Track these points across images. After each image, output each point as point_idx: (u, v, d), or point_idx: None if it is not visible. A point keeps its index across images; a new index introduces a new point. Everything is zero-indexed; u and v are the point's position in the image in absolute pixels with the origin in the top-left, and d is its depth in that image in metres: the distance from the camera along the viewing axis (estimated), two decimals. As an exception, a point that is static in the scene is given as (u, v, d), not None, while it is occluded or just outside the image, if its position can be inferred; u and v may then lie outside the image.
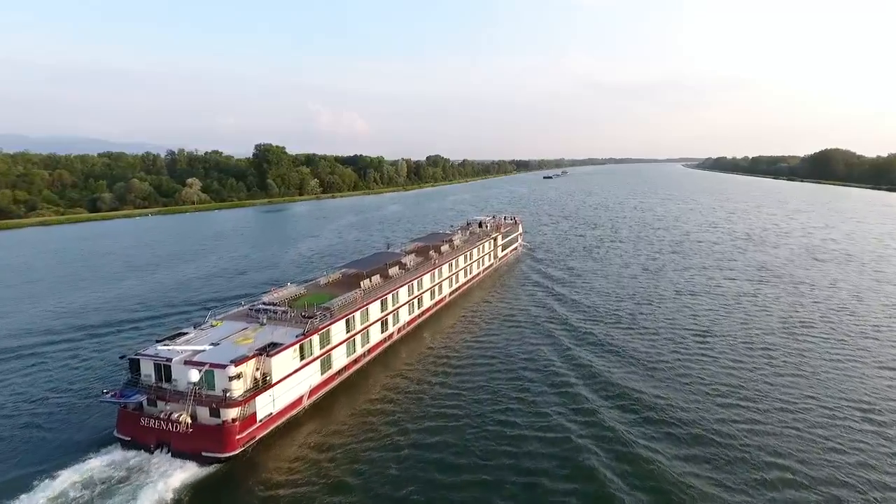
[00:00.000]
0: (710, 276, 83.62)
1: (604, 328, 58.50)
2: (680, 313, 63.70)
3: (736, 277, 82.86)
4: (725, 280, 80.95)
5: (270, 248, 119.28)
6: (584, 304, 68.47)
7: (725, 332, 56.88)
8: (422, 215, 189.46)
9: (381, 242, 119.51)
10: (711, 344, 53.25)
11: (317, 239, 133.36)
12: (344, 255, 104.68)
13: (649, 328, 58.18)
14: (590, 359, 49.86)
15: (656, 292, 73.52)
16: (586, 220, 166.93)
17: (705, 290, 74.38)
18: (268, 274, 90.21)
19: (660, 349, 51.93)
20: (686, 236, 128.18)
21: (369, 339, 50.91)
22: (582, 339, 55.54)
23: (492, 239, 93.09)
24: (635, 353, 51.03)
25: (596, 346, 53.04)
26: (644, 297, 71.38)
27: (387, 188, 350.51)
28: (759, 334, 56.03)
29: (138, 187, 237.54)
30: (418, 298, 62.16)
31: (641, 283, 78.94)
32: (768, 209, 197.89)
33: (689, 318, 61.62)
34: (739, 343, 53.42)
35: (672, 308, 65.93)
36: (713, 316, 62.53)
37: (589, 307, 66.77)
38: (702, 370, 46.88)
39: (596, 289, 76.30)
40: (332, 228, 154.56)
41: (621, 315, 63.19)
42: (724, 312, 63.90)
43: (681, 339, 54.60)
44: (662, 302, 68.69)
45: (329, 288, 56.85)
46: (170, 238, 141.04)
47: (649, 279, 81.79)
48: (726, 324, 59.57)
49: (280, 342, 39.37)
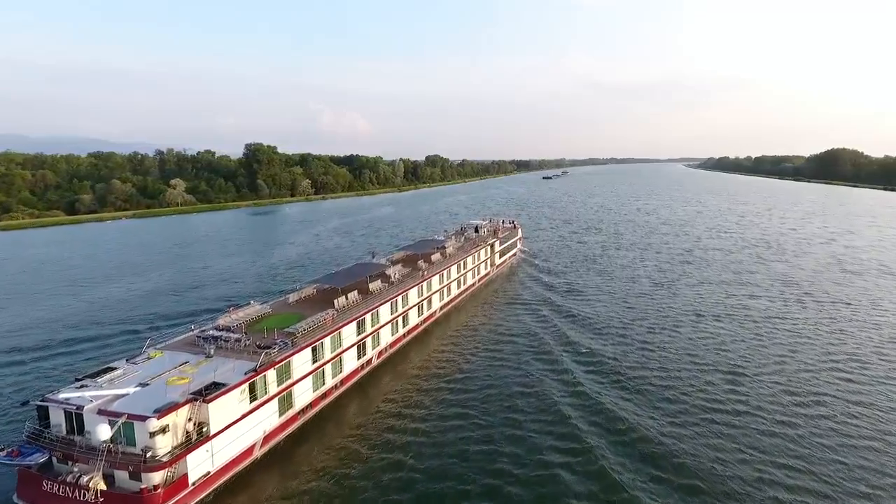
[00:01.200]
0: (729, 293, 73.00)
1: (615, 364, 47.85)
2: (702, 344, 52.98)
3: (760, 294, 72.19)
4: (749, 299, 70.22)
5: (240, 256, 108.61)
6: (589, 327, 57.94)
7: (760, 372, 46.14)
8: (413, 218, 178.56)
9: (365, 250, 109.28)
10: (745, 390, 42.53)
11: (293, 246, 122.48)
12: (320, 267, 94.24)
13: (667, 364, 47.55)
14: (599, 399, 40.01)
15: (672, 315, 62.73)
16: (588, 224, 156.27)
17: (728, 313, 63.59)
18: (230, 289, 79.79)
19: (682, 392, 41.42)
20: (696, 243, 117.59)
21: (342, 368, 44.18)
22: (590, 372, 45.32)
23: (488, 245, 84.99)
24: (653, 397, 40.59)
25: (608, 385, 42.78)
26: (657, 320, 60.68)
27: (382, 189, 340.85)
28: (803, 376, 45.23)
29: (119, 188, 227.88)
30: (403, 316, 55.17)
31: (653, 303, 68.24)
32: (780, 212, 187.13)
33: (714, 352, 50.88)
34: (780, 390, 42.60)
35: (692, 337, 55.19)
36: (741, 349, 51.72)
37: (595, 334, 56.12)
38: (741, 429, 36.28)
39: (601, 313, 65.41)
40: (313, 233, 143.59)
41: (633, 345, 52.53)
42: (754, 343, 53.13)
43: (707, 381, 43.93)
44: (679, 328, 57.96)
45: (299, 306, 50.14)
46: (133, 244, 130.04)
47: (662, 297, 71.13)
48: (759, 360, 48.84)
49: (224, 382, 32.79)
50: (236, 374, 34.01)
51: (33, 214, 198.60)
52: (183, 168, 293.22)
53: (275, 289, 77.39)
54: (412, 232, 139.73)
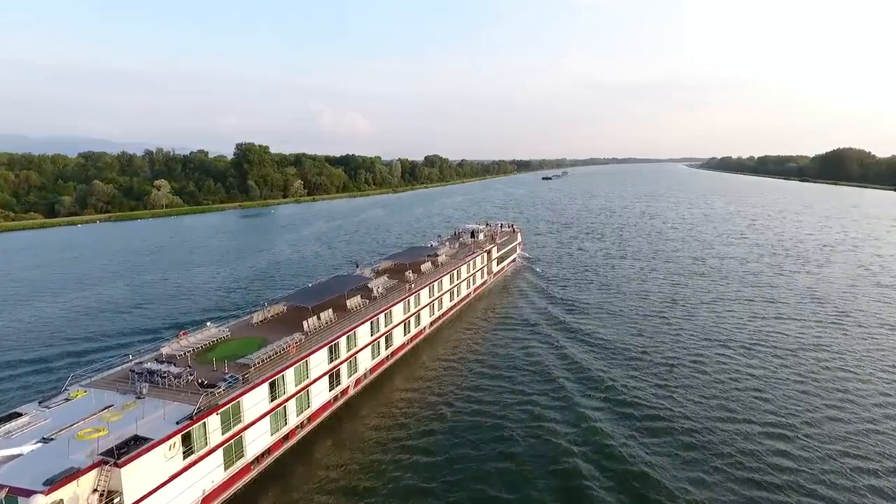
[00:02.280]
0: (753, 313, 63.44)
1: (630, 409, 38.52)
2: (733, 388, 43.19)
3: (789, 316, 62.58)
4: (777, 321, 60.51)
5: (206, 266, 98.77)
6: (597, 355, 48.59)
7: (812, 433, 36.36)
8: (404, 222, 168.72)
9: (346, 259, 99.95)
10: (796, 456, 33.03)
11: (267, 254, 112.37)
12: (292, 280, 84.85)
13: (692, 413, 38.03)
14: (617, 456, 30.92)
15: (690, 344, 52.98)
16: (590, 228, 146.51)
17: (755, 341, 53.79)
18: (187, 306, 70.41)
19: (714, 452, 32.04)
20: (707, 250, 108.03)
21: (310, 402, 37.79)
22: (603, 419, 35.90)
23: (485, 252, 78.88)
24: (677, 460, 31.14)
25: (626, 439, 33.37)
26: (675, 351, 51.06)
27: (378, 190, 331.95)
28: (871, 439, 35.79)
29: (100, 190, 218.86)
30: (386, 336, 49.04)
31: (668, 327, 58.61)
32: (793, 215, 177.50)
33: (749, 399, 41.04)
34: (846, 464, 33.17)
35: (720, 378, 45.42)
36: (782, 396, 41.87)
37: (606, 365, 46.74)
38: None
39: (610, 339, 55.70)
40: (292, 239, 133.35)
41: (649, 382, 43.10)
42: (796, 388, 43.20)
43: (745, 445, 34.44)
44: (702, 363, 48.18)
45: (263, 328, 43.99)
46: (94, 252, 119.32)
47: (677, 319, 61.51)
48: (806, 412, 39.14)
49: (147, 435, 26.14)
50: (166, 424, 27.44)
51: (8, 217, 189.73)
52: (172, 168, 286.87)
53: (241, 304, 68.66)
54: (399, 238, 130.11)
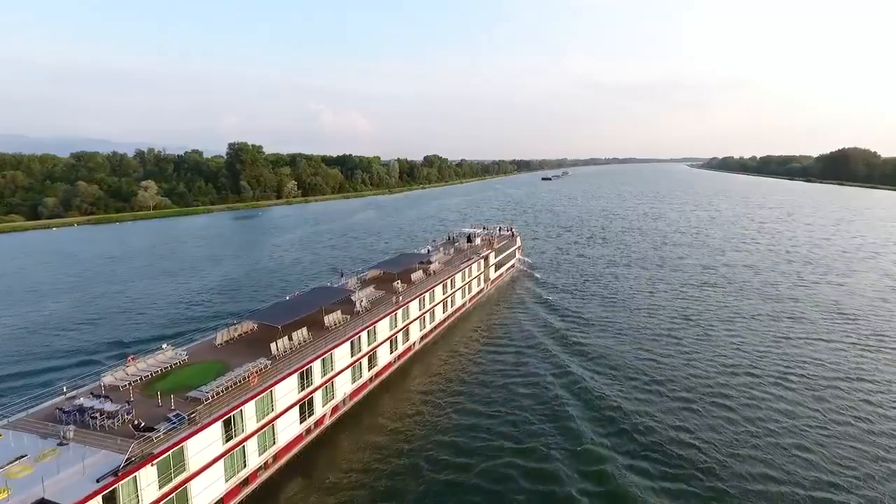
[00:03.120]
0: (778, 335, 56.03)
1: (645, 460, 31.13)
2: (769, 434, 35.82)
3: (819, 337, 55.17)
4: (808, 345, 53.02)
5: (174, 276, 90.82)
6: (603, 381, 41.15)
7: (872, 496, 29.39)
8: (395, 226, 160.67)
9: (330, 268, 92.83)
10: None
11: (243, 261, 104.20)
12: (267, 292, 77.56)
13: (725, 463, 30.70)
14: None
15: (711, 374, 45.45)
16: (591, 232, 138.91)
17: (785, 372, 46.23)
18: (142, 324, 63.18)
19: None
20: (718, 257, 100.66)
21: (275, 439, 32.51)
22: (617, 460, 28.70)
23: (482, 258, 73.66)
24: None
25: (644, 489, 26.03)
26: (694, 383, 43.63)
27: (374, 191, 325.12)
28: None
29: (85, 191, 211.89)
30: (369, 356, 43.80)
31: (681, 351, 51.18)
32: (804, 217, 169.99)
33: (791, 451, 33.65)
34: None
35: (748, 414, 38.11)
36: (830, 447, 34.46)
37: (618, 396, 39.31)
38: None
39: (618, 366, 48.44)
40: (274, 244, 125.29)
41: (668, 425, 35.75)
42: (843, 435, 35.80)
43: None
44: (727, 400, 40.73)
45: (226, 351, 38.53)
46: (56, 259, 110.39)
47: (691, 342, 54.02)
48: (861, 465, 31.95)
49: (56, 501, 20.45)
50: (86, 482, 21.91)
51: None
52: (163, 169, 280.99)
53: (206, 321, 61.68)
54: (388, 243, 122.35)
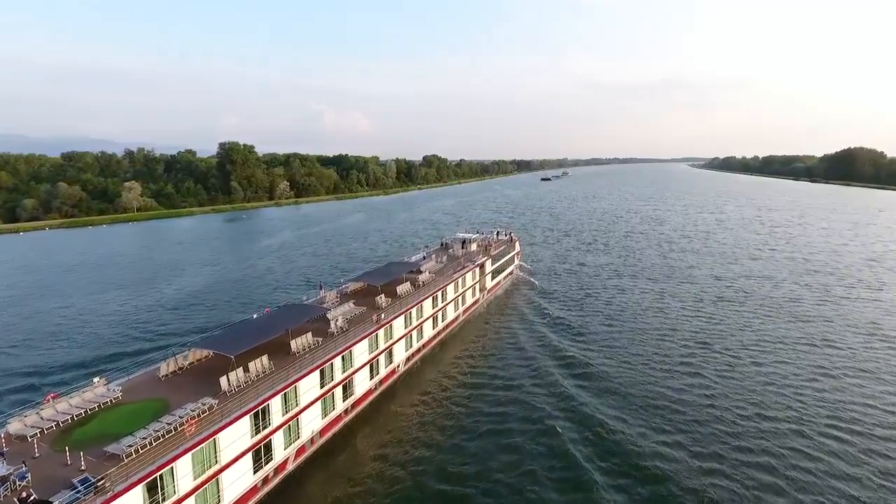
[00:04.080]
0: (816, 370, 47.51)
1: None
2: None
3: (865, 368, 46.72)
4: (856, 382, 44.59)
5: (128, 288, 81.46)
6: (613, 425, 32.85)
7: None
8: (386, 229, 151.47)
9: (307, 279, 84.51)
10: None
11: (211, 271, 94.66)
12: (228, 309, 69.15)
13: None
14: None
15: (742, 422, 37.07)
16: (593, 237, 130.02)
17: (834, 422, 37.91)
18: (75, 348, 54.75)
19: None
20: (732, 266, 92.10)
21: (220, 496, 26.71)
22: None
23: (477, 266, 68.19)
24: None
25: None
26: (724, 435, 35.18)
27: (369, 191, 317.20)
28: None
29: (66, 192, 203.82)
30: (344, 385, 37.71)
31: (704, 391, 42.62)
32: (817, 220, 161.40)
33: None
34: None
35: (798, 480, 29.95)
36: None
37: (622, 456, 31.00)
38: None
39: (628, 400, 40.22)
40: (250, 251, 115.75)
41: (692, 480, 27.52)
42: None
43: None
44: (768, 453, 32.49)
45: (171, 385, 32.07)
46: (5, 269, 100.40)
47: (713, 375, 45.54)
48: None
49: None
50: None
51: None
52: (152, 169, 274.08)
53: (153, 345, 53.27)
54: (374, 250, 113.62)
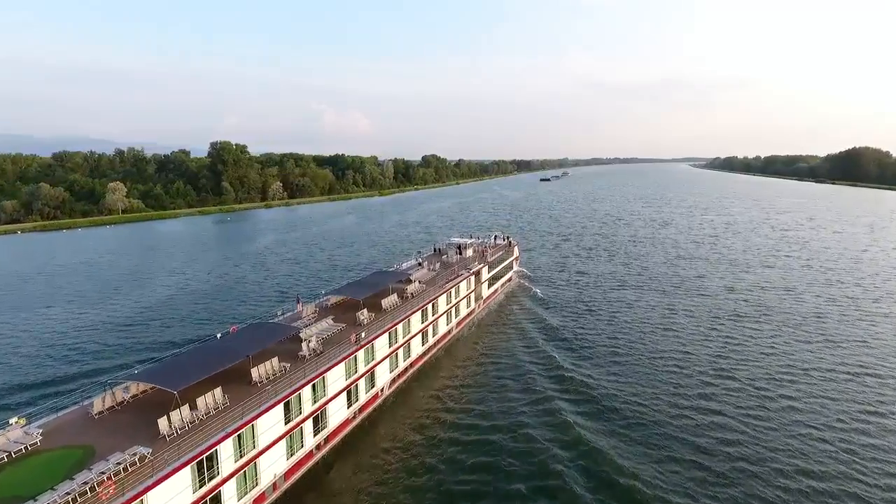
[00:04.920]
0: (865, 402, 40.36)
1: None
2: None
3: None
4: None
5: (75, 302, 73.58)
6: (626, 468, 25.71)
7: None
8: (375, 233, 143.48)
9: (282, 291, 77.30)
10: None
11: (177, 280, 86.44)
12: (188, 326, 61.89)
13: None
14: None
15: (784, 474, 29.73)
16: (595, 242, 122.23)
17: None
18: (11, 375, 47.51)
19: None
20: (745, 275, 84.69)
21: None
22: None
23: (472, 274, 63.04)
24: None
25: None
26: (756, 486, 28.17)
27: (365, 192, 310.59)
28: None
29: (48, 193, 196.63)
30: (315, 417, 32.30)
31: (727, 430, 35.32)
32: (829, 223, 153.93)
33: None
34: None
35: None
36: None
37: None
38: None
39: (643, 442, 32.93)
40: (225, 258, 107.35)
41: None
42: None
43: None
44: None
45: (106, 424, 26.02)
46: None
47: (741, 415, 38.11)
48: None
49: None
50: None
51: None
52: (142, 169, 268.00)
53: (92, 368, 46.12)
54: (359, 257, 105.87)
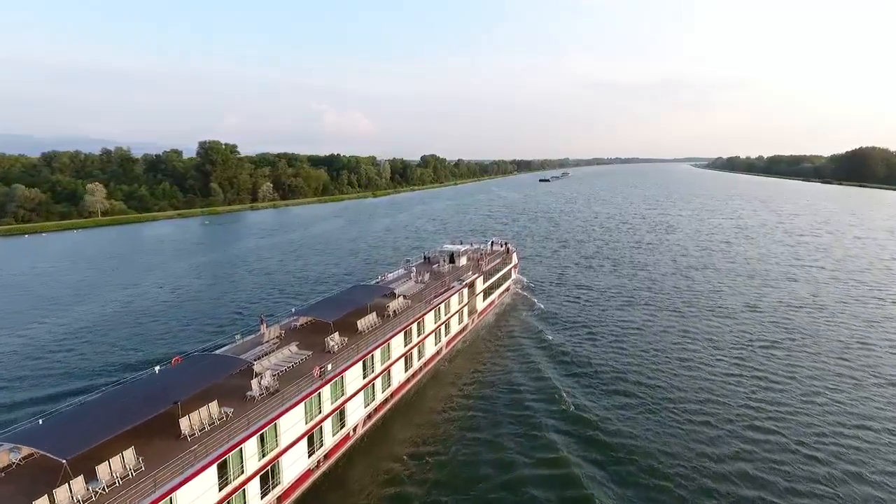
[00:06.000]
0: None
1: None
2: None
3: None
4: None
5: None
6: None
7: None
8: (361, 239, 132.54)
9: (240, 310, 67.95)
10: None
11: (123, 295, 76.13)
12: (119, 356, 52.46)
13: None
14: None
15: None
16: (596, 250, 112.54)
17: None
18: None
19: None
20: (767, 290, 75.17)
21: None
22: None
23: (465, 286, 56.31)
24: None
25: None
26: None
27: (358, 193, 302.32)
28: None
29: (22, 195, 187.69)
30: (263, 475, 25.82)
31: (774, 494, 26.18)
32: (847, 228, 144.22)
33: None
34: None
35: None
36: None
37: None
38: None
39: None
40: (189, 267, 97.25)
41: None
42: None
43: None
44: None
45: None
46: None
47: (794, 489, 28.97)
48: None
49: None
50: None
51: None
52: (128, 169, 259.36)
53: None
54: (337, 267, 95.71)
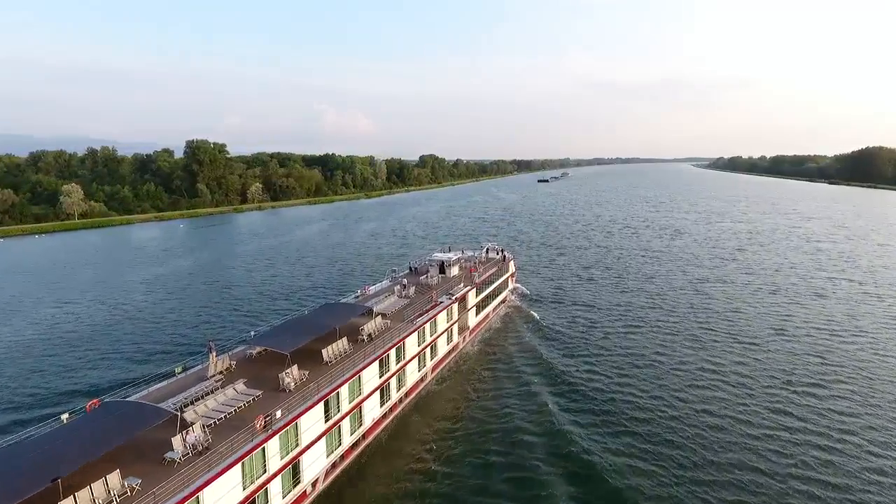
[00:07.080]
0: None
1: None
2: None
3: None
4: None
5: None
6: None
7: None
8: (344, 245, 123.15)
9: (188, 333, 58.82)
10: None
11: (54, 315, 67.12)
12: (17, 395, 43.33)
13: None
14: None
15: None
16: (597, 258, 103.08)
17: None
18: None
19: None
20: (794, 310, 65.86)
21: None
22: None
23: (455, 302, 49.75)
24: None
25: None
26: None
27: (350, 194, 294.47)
28: None
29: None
30: None
31: None
32: (867, 232, 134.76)
33: None
34: None
35: None
36: None
37: None
38: None
39: None
40: (142, 279, 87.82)
41: None
42: None
43: None
44: None
45: None
46: None
47: None
48: None
49: None
50: None
51: None
52: (113, 170, 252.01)
53: None
54: (310, 278, 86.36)
